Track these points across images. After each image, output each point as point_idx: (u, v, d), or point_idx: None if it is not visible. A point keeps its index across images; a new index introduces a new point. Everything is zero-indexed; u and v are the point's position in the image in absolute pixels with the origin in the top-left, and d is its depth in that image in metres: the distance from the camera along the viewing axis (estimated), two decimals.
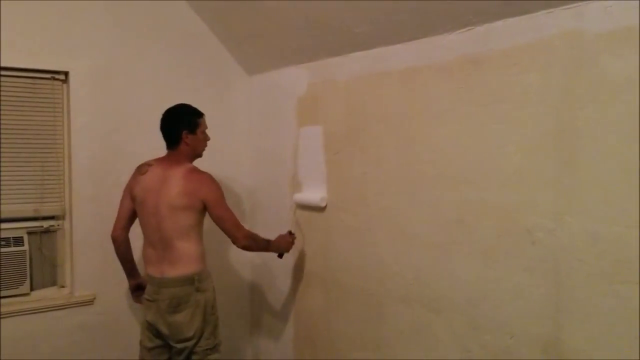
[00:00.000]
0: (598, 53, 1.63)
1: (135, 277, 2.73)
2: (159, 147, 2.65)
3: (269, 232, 3.26)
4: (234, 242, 2.48)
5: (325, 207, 2.80)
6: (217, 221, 2.47)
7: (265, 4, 2.66)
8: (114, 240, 2.64)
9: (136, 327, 3.06)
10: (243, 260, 3.52)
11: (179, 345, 2.47)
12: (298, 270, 3.07)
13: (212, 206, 2.45)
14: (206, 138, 2.61)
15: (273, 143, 3.27)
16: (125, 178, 2.94)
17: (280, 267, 3.22)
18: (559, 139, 1.74)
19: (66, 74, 2.86)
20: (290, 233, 2.83)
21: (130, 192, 2.59)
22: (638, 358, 1.56)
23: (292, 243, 2.80)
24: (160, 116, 2.54)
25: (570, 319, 1.73)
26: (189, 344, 2.46)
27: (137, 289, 2.73)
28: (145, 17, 3.06)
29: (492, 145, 1.95)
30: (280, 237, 2.78)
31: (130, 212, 2.60)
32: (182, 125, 2.50)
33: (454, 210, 2.10)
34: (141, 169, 2.57)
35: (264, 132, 3.37)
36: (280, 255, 2.82)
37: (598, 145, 1.64)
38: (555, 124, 1.75)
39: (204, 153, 2.64)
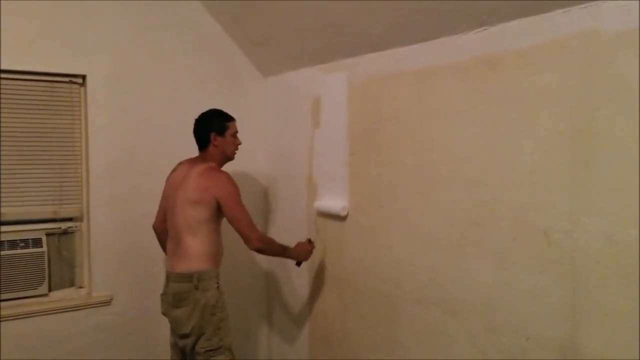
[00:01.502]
0: (615, 52, 1.61)
1: None
2: (177, 149, 2.73)
3: (286, 232, 3.29)
4: (246, 243, 2.48)
5: (346, 216, 2.74)
6: (230, 221, 2.49)
7: (279, 5, 2.68)
8: (154, 230, 2.79)
9: (153, 327, 3.10)
10: (259, 261, 3.54)
11: (180, 342, 2.53)
12: (314, 272, 3.07)
13: (226, 205, 2.47)
14: (236, 141, 2.67)
15: (289, 144, 3.28)
16: (143, 180, 3.01)
17: (296, 269, 3.22)
18: (575, 140, 1.72)
19: (84, 77, 2.90)
20: (309, 241, 2.79)
21: (165, 188, 2.71)
22: None
23: (311, 252, 2.77)
24: (177, 118, 2.60)
25: (587, 321, 1.71)
26: (187, 341, 2.49)
27: None
28: (162, 20, 3.10)
29: (508, 146, 1.93)
30: (299, 244, 2.76)
31: (165, 207, 2.69)
32: (210, 128, 2.59)
33: (469, 212, 2.09)
34: (175, 168, 2.70)
35: (280, 133, 3.38)
36: (299, 264, 2.80)
37: (615, 146, 1.62)
38: (571, 125, 1.73)
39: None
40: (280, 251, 2.65)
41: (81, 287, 3.00)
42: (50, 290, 2.91)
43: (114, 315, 3.02)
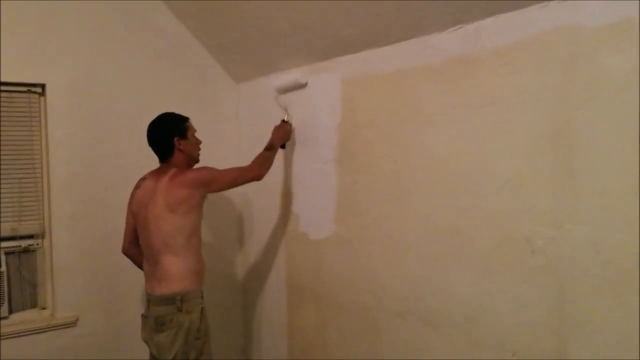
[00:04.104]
0: (596, 48, 1.52)
1: None
2: (143, 161, 2.54)
3: (261, 246, 3.17)
4: (257, 181, 2.57)
5: (306, 83, 2.71)
6: (231, 186, 2.52)
7: (249, 10, 2.57)
8: (125, 254, 2.58)
9: (122, 348, 2.95)
10: (235, 277, 3.41)
11: None
12: (291, 285, 2.94)
13: (214, 180, 2.40)
14: (198, 141, 2.52)
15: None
16: (108, 194, 2.87)
17: (272, 283, 3.10)
18: (556, 142, 1.63)
19: (43, 86, 2.75)
20: (283, 122, 2.80)
21: (130, 208, 2.51)
22: None
23: (290, 130, 2.80)
24: (144, 128, 2.41)
25: (575, 333, 1.61)
26: None
27: None
28: (126, 26, 2.96)
29: (487, 149, 1.84)
30: (277, 128, 2.76)
31: (134, 227, 2.50)
32: (171, 133, 2.39)
33: (448, 219, 1.99)
34: (137, 184, 2.49)
35: (254, 140, 3.24)
36: (283, 146, 2.82)
37: (597, 147, 1.53)
38: (551, 126, 1.64)
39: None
40: (271, 154, 2.66)
41: (44, 308, 2.84)
42: (10, 312, 2.75)
43: (79, 337, 2.85)
